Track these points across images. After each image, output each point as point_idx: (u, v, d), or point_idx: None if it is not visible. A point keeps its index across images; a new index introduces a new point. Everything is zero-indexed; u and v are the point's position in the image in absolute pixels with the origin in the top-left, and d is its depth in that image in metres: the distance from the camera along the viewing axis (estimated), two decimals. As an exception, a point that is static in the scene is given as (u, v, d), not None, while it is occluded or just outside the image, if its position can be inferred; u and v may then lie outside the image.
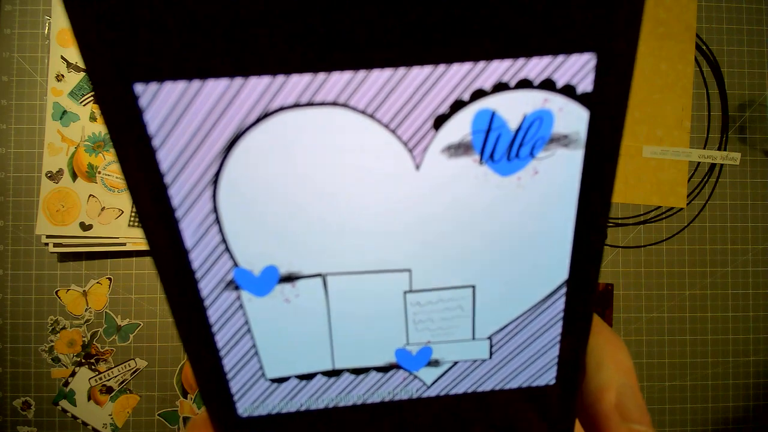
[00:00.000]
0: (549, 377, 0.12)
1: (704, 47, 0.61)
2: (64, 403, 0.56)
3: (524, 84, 0.08)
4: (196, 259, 0.10)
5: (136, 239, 0.56)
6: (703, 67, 0.61)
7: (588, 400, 0.12)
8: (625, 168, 0.60)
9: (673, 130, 0.60)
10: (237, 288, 0.10)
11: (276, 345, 0.11)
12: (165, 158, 0.09)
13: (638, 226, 0.60)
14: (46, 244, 0.55)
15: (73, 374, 0.56)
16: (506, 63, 0.08)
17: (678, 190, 0.60)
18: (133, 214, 0.56)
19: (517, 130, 0.09)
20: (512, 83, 0.08)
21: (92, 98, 0.56)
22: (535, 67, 0.08)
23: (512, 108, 0.09)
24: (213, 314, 0.11)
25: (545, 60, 0.08)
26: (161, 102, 0.08)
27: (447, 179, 0.09)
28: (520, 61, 0.08)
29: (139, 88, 0.08)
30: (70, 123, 0.56)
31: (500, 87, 0.08)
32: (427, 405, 0.12)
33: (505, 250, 0.10)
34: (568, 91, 0.09)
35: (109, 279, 0.57)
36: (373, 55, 0.08)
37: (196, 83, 0.08)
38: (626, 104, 0.09)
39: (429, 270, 0.10)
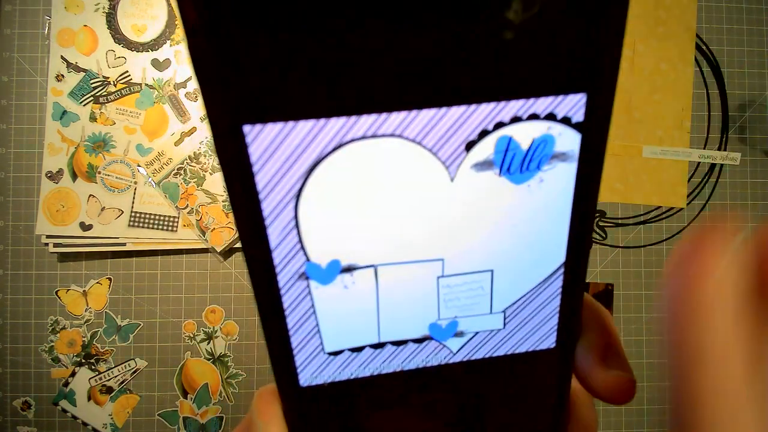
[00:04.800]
0: (550, 342, 0.15)
1: (704, 47, 0.61)
2: (64, 403, 0.56)
3: (533, 117, 0.11)
4: (278, 256, 0.12)
5: (136, 239, 0.56)
6: (703, 67, 0.61)
7: (579, 357, 0.15)
8: (625, 168, 0.60)
9: (673, 130, 0.60)
10: (307, 278, 0.13)
11: (334, 324, 0.14)
12: (261, 180, 0.11)
13: (638, 226, 0.60)
14: (46, 244, 0.55)
15: (73, 374, 0.56)
16: (521, 102, 0.11)
17: (678, 190, 0.60)
18: (133, 214, 0.56)
19: (528, 150, 0.12)
20: (524, 116, 0.11)
21: (92, 98, 0.56)
22: (542, 105, 0.11)
23: (524, 134, 0.12)
24: (287, 300, 0.13)
25: (549, 99, 0.11)
26: (262, 138, 0.11)
27: (474, 188, 0.12)
28: (531, 100, 0.11)
29: (246, 128, 0.10)
30: (70, 123, 0.56)
31: (515, 119, 0.11)
32: (453, 369, 0.15)
33: (517, 241, 0.13)
34: (566, 120, 0.12)
35: (109, 279, 0.57)
36: (422, 99, 0.11)
37: (290, 124, 0.11)
38: (608, 128, 0.12)
39: (457, 259, 0.13)
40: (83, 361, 0.57)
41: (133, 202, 0.56)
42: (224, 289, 0.58)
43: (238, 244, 0.57)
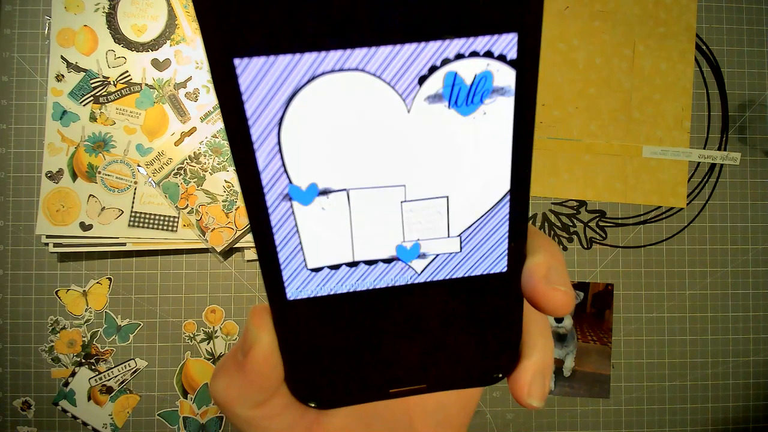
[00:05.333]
0: (502, 266, 0.17)
1: (704, 47, 0.61)
2: (64, 403, 0.56)
3: (474, 54, 0.13)
4: (265, 177, 0.14)
5: (136, 239, 0.56)
6: (703, 67, 0.61)
7: (525, 276, 0.17)
8: (625, 168, 0.60)
9: (673, 130, 0.60)
10: (290, 199, 0.14)
11: (314, 242, 0.15)
12: (249, 107, 0.13)
13: (638, 226, 0.60)
14: (46, 244, 0.55)
15: (73, 374, 0.56)
16: (462, 41, 0.13)
17: (678, 190, 0.60)
18: (133, 213, 0.56)
19: (471, 85, 0.14)
20: (466, 54, 0.13)
21: (92, 98, 0.56)
22: (480, 43, 0.13)
23: (467, 70, 0.13)
24: (274, 219, 0.15)
25: (486, 38, 0.13)
26: (249, 71, 0.13)
27: (427, 119, 0.14)
28: (471, 39, 0.13)
29: (236, 61, 0.12)
30: (70, 123, 0.56)
31: (459, 56, 0.13)
32: (418, 289, 0.17)
33: (467, 169, 0.15)
34: (502, 58, 0.13)
35: (109, 279, 0.57)
36: (381, 37, 0.13)
37: (271, 58, 0.12)
38: (538, 65, 0.14)
39: (417, 185, 0.15)
40: (83, 361, 0.57)
41: (133, 202, 0.56)
42: (224, 289, 0.58)
43: (238, 244, 0.57)
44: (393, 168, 0.14)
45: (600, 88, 0.60)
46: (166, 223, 0.56)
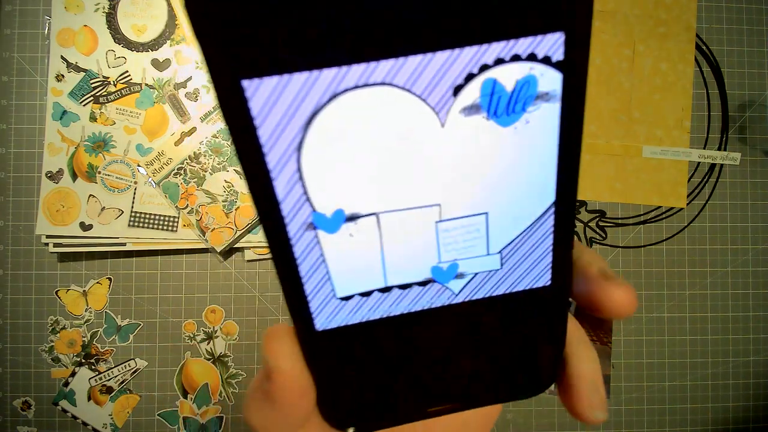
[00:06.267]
0: (545, 280, 0.16)
1: (704, 47, 0.61)
2: (64, 403, 0.56)
3: (515, 58, 0.12)
4: (286, 207, 0.13)
5: (136, 239, 0.56)
6: (703, 67, 0.61)
7: (579, 286, 0.16)
8: (625, 168, 0.60)
9: (673, 130, 0.60)
10: (314, 228, 0.13)
11: (343, 270, 0.14)
12: (264, 133, 0.12)
13: (638, 226, 0.60)
14: (46, 244, 0.55)
15: (73, 374, 0.56)
16: (502, 44, 0.12)
17: (678, 190, 0.60)
18: (133, 213, 0.56)
19: (512, 92, 0.12)
20: (507, 58, 0.12)
21: (92, 98, 0.56)
22: (522, 45, 0.12)
23: (508, 76, 0.12)
24: (298, 250, 0.14)
25: (529, 40, 0.12)
26: (261, 92, 0.11)
27: (464, 133, 0.13)
28: (512, 42, 0.12)
29: (245, 83, 0.11)
30: (70, 123, 0.56)
31: (499, 61, 0.12)
32: (456, 310, 0.16)
33: (508, 182, 0.14)
34: (546, 60, 0.12)
35: (109, 279, 0.57)
36: (408, 45, 0.11)
37: (285, 77, 0.11)
38: (587, 66, 0.12)
39: (453, 203, 0.14)
40: (83, 361, 0.57)
41: (133, 202, 0.56)
42: (224, 289, 0.58)
43: (238, 244, 0.57)
44: (426, 187, 0.13)
45: (600, 88, 0.60)
46: (166, 223, 0.56)
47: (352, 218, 0.14)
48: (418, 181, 0.13)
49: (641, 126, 0.60)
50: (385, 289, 0.15)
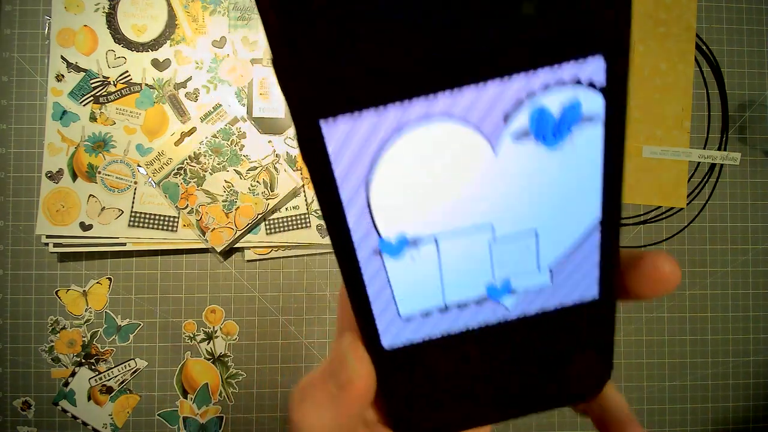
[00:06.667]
0: (593, 292, 0.16)
1: (704, 47, 0.61)
2: (64, 403, 0.56)
3: (561, 83, 0.13)
4: (356, 235, 0.14)
5: (136, 239, 0.56)
6: (703, 67, 0.61)
7: (626, 265, 0.16)
8: (625, 168, 0.60)
9: (673, 130, 0.60)
10: (380, 253, 0.15)
11: (405, 291, 0.16)
12: (338, 171, 0.13)
13: (638, 226, 0.60)
14: (46, 244, 0.55)
15: (73, 374, 0.56)
16: (547, 70, 0.12)
17: (678, 190, 0.60)
18: (133, 213, 0.56)
19: (559, 116, 0.13)
20: (552, 83, 0.13)
21: (92, 98, 0.56)
22: (567, 70, 0.12)
23: (554, 101, 0.13)
24: (366, 274, 0.15)
25: (571, 64, 0.12)
26: (336, 132, 0.12)
27: (515, 158, 0.14)
28: (556, 67, 0.12)
29: (322, 123, 0.12)
30: (70, 123, 0.56)
31: (545, 88, 0.13)
32: (511, 325, 0.17)
33: (556, 201, 0.15)
34: (590, 84, 0.13)
35: (109, 279, 0.57)
36: (464, 77, 0.12)
37: (356, 114, 0.12)
38: (627, 90, 0.13)
39: (504, 222, 0.15)
40: (83, 361, 0.57)
41: (133, 202, 0.56)
42: (224, 289, 0.58)
43: (238, 244, 0.57)
44: (479, 208, 0.14)
45: (600, 88, 0.60)
46: (166, 223, 0.56)
47: (414, 243, 0.15)
48: (472, 204, 0.14)
49: (641, 126, 0.60)
50: (444, 308, 0.16)
